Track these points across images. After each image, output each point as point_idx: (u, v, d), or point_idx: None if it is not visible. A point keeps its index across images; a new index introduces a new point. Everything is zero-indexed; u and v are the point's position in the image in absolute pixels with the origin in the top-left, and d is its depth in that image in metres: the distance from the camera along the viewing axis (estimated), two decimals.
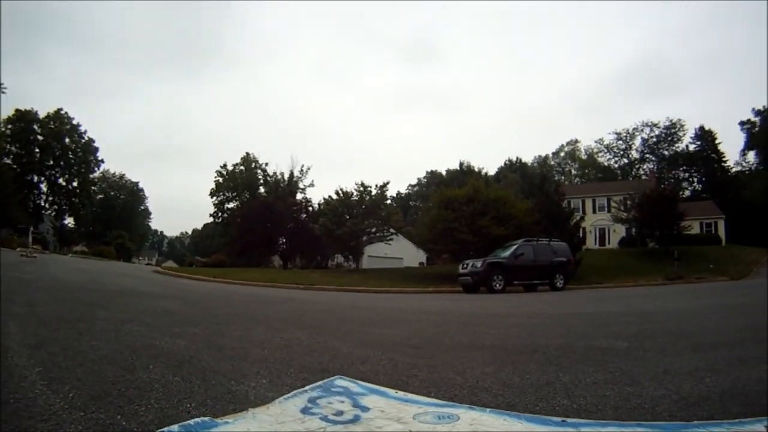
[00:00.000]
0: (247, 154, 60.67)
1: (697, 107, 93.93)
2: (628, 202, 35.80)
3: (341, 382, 1.63)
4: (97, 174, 62.18)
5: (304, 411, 1.43)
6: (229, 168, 60.38)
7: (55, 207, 57.28)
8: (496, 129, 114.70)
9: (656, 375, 2.61)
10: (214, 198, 59.23)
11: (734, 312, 6.52)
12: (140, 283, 11.17)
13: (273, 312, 6.36)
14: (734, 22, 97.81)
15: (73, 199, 57.45)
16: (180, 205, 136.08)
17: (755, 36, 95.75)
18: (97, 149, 59.34)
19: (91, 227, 58.76)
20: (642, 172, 65.01)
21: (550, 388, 2.34)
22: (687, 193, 52.60)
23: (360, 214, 32.80)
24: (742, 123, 57.08)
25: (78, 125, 57.46)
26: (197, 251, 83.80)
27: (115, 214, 61.81)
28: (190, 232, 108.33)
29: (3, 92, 43.89)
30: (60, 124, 56.04)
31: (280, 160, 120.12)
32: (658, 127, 65.34)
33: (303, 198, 48.25)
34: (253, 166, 59.98)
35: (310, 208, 47.22)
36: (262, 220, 42.94)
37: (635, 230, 37.14)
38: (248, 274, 21.67)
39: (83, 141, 58.06)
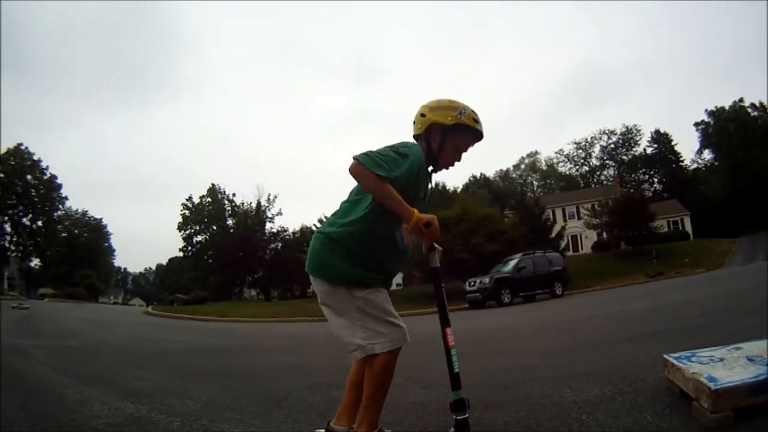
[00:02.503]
0: (213, 185, 60.48)
1: (649, 112, 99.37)
2: (598, 208, 37.71)
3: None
4: (60, 212, 59.99)
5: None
6: (195, 200, 59.96)
7: (21, 248, 54.72)
8: None
9: (748, 329, 3.68)
10: (182, 232, 58.52)
11: (739, 294, 7.78)
12: (171, 333, 10.65)
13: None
14: (673, 30, 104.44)
15: (38, 239, 55.15)
16: (141, 239, 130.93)
17: (695, 42, 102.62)
18: (60, 186, 57.08)
19: (58, 268, 56.34)
20: (603, 178, 68.20)
21: None
22: (649, 194, 55.54)
23: None
24: (696, 124, 60.19)
25: (39, 161, 54.89)
26: (164, 287, 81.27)
27: (80, 253, 59.52)
28: (154, 268, 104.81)
29: None
30: (20, 160, 53.49)
31: (246, 190, 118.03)
32: (615, 134, 68.82)
33: (280, 227, 48.41)
34: (219, 197, 59.66)
35: (287, 237, 47.27)
36: (238, 253, 42.87)
37: (607, 234, 39.04)
38: (248, 310, 21.44)
39: (45, 177, 55.47)
